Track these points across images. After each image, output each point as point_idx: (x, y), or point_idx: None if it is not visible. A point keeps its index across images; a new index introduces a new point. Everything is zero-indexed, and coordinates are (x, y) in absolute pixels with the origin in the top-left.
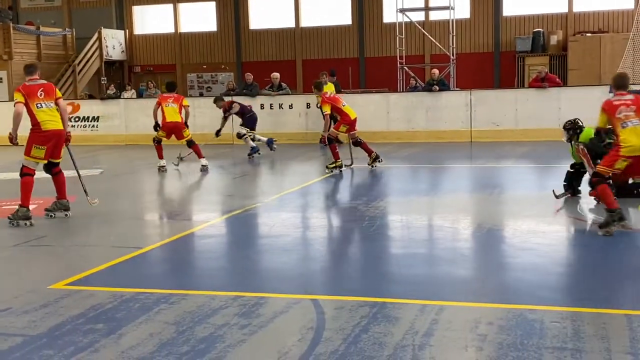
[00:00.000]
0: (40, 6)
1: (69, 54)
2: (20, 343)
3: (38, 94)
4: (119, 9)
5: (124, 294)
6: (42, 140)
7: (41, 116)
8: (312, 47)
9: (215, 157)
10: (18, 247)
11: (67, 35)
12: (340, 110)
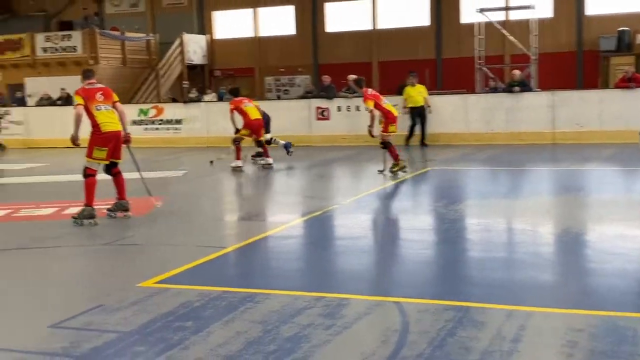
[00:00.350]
0: (125, 12)
1: (152, 58)
2: (113, 339)
3: (97, 97)
4: (200, 14)
5: (211, 293)
6: (103, 141)
7: (100, 118)
8: (388, 48)
9: (291, 159)
10: (108, 246)
11: (151, 40)
12: (382, 108)
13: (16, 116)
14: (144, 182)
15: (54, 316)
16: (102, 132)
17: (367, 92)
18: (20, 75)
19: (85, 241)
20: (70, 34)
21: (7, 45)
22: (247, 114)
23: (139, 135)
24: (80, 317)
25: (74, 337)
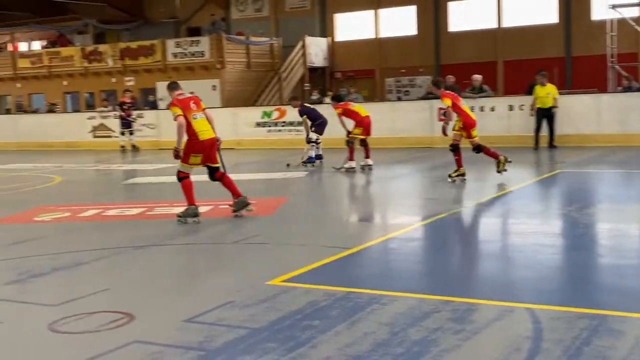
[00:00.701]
0: (249, 17)
1: (275, 61)
2: (244, 335)
3: (191, 106)
4: (322, 16)
5: (336, 293)
6: (199, 149)
7: (198, 126)
8: (514, 47)
9: (412, 161)
10: (236, 245)
11: (274, 43)
12: (460, 110)
13: (148, 119)
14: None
15: (188, 311)
16: (200, 140)
17: (445, 92)
18: (152, 80)
19: (215, 239)
20: (199, 39)
21: (141, 51)
22: (357, 112)
23: (262, 137)
24: (213, 312)
25: (207, 331)
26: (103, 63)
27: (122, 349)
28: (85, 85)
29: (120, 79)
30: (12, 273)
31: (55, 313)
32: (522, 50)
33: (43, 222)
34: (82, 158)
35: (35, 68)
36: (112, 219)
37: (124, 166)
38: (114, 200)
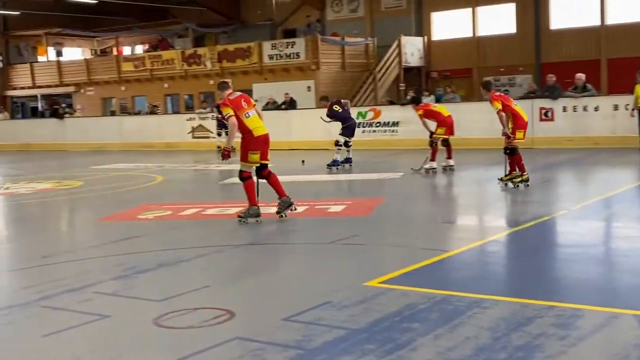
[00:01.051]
0: (345, 17)
1: (370, 62)
2: (343, 335)
3: (243, 105)
4: (418, 16)
5: (436, 296)
6: (257, 145)
7: (251, 124)
8: (619, 45)
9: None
10: (334, 245)
11: (369, 44)
12: (512, 110)
13: None
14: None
15: (286, 309)
16: (255, 137)
17: (495, 94)
18: (249, 81)
19: (311, 239)
20: (294, 41)
21: (238, 54)
22: (438, 112)
23: (357, 137)
24: (311, 311)
25: (305, 330)
26: (202, 66)
27: (223, 345)
28: (184, 88)
29: (218, 81)
30: (119, 269)
31: (159, 308)
32: (627, 48)
33: (146, 220)
34: (181, 158)
35: (138, 71)
36: (211, 217)
37: (221, 166)
38: (212, 199)
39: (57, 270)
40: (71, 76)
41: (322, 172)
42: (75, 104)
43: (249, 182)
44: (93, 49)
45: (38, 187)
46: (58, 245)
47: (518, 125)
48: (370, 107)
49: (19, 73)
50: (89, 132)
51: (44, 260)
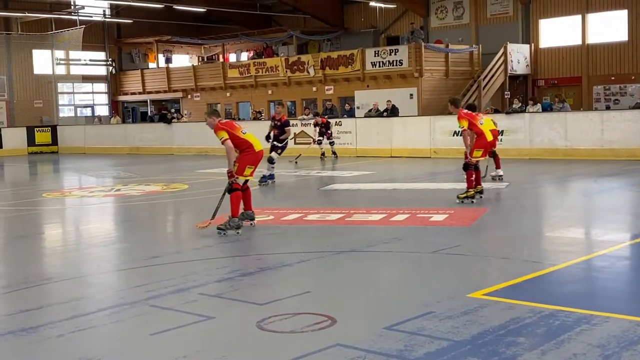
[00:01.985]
0: (449, 25)
1: (474, 69)
2: (445, 347)
3: (236, 125)
4: (526, 23)
5: (542, 310)
6: (254, 159)
7: (250, 139)
8: None
9: (622, 174)
10: (436, 254)
11: (474, 51)
12: (476, 129)
13: (346, 127)
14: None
15: (388, 318)
16: (256, 151)
17: (462, 111)
18: (351, 88)
19: (413, 248)
20: (397, 48)
21: (340, 61)
22: (482, 132)
23: (459, 146)
24: (413, 321)
25: (407, 340)
26: (305, 72)
27: (324, 351)
28: (288, 94)
29: (320, 87)
30: (223, 271)
31: (262, 311)
32: None
33: (249, 224)
34: (283, 164)
35: (243, 78)
36: (312, 223)
37: (323, 172)
38: (314, 205)
39: (164, 271)
40: (179, 82)
41: (424, 179)
42: (183, 109)
43: (236, 194)
44: (200, 56)
45: (147, 190)
46: (165, 247)
47: (479, 145)
48: None
49: (130, 79)
50: (194, 137)
51: (152, 260)
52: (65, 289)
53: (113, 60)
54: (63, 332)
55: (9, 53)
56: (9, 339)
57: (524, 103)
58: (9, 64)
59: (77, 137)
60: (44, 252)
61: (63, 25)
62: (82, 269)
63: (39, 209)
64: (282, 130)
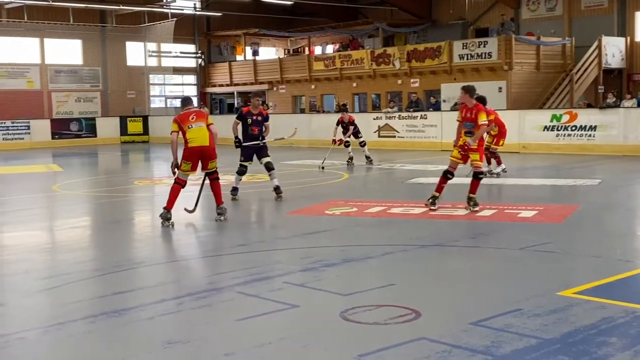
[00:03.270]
0: (541, 17)
1: (567, 62)
2: (533, 344)
3: (190, 118)
4: (621, 15)
5: (636, 310)
6: (188, 155)
7: (190, 135)
8: None
9: None
10: (524, 251)
11: (566, 44)
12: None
13: (431, 120)
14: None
15: (474, 314)
16: (189, 147)
17: (479, 105)
18: (437, 82)
19: (500, 244)
20: (487, 40)
21: (427, 53)
22: (503, 123)
23: (550, 141)
24: (500, 317)
25: (494, 336)
26: (390, 65)
27: (409, 344)
28: (372, 87)
29: (405, 80)
30: (307, 261)
31: (345, 302)
32: None
33: (333, 215)
34: (357, 157)
35: (328, 70)
36: (396, 216)
37: (407, 166)
38: (397, 198)
39: (250, 259)
40: (265, 74)
41: (512, 175)
42: (268, 101)
43: (176, 186)
44: (286, 49)
45: (232, 180)
46: (251, 235)
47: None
48: (565, 110)
49: (218, 71)
50: (280, 129)
51: (239, 248)
52: (155, 273)
53: (202, 53)
54: (153, 315)
55: (104, 45)
56: (103, 320)
57: (618, 98)
58: (103, 56)
59: (167, 128)
60: (135, 237)
61: (155, 18)
62: (170, 255)
63: (130, 196)
64: (261, 127)
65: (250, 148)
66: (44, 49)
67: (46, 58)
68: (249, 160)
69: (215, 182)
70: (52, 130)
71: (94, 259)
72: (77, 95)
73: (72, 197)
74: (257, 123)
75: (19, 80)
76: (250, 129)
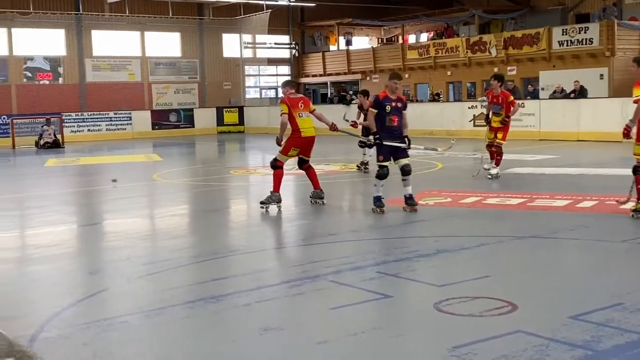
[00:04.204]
0: None
1: None
2: (636, 340)
3: (299, 105)
4: None
5: None
6: (300, 143)
7: (302, 124)
8: None
9: None
10: (626, 243)
11: None
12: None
13: (529, 108)
14: None
15: (573, 307)
16: (302, 137)
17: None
18: (535, 69)
19: (601, 236)
20: (588, 26)
21: (525, 40)
22: None
23: None
24: (600, 312)
25: (594, 331)
26: (486, 53)
27: (505, 337)
28: (467, 75)
29: (502, 68)
30: (400, 251)
31: (439, 293)
32: None
33: (427, 205)
34: (462, 146)
35: (422, 59)
36: (492, 207)
37: (503, 155)
38: (492, 189)
39: (342, 248)
40: (358, 64)
41: (614, 165)
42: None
43: (279, 171)
44: (379, 38)
45: (326, 169)
46: (343, 225)
47: None
48: None
49: (311, 61)
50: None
51: (332, 237)
52: (251, 261)
53: (296, 44)
54: (249, 302)
55: (202, 38)
56: (201, 305)
57: None
58: (201, 48)
59: (261, 118)
60: (231, 225)
61: (250, 10)
62: (265, 243)
63: (226, 185)
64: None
65: (391, 145)
66: (145, 42)
67: (146, 51)
68: (388, 160)
69: (311, 169)
70: (152, 121)
71: (192, 246)
72: (176, 87)
73: (171, 186)
74: (397, 111)
75: (121, 73)
76: (389, 118)
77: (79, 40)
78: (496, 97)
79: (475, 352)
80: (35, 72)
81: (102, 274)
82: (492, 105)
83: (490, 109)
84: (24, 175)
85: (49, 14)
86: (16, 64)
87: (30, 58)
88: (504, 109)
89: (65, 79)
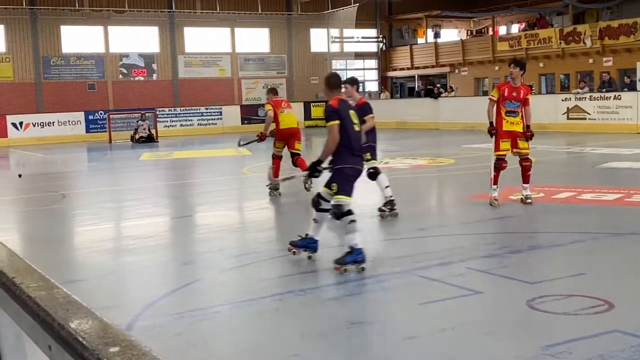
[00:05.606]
0: None
1: None
2: None
3: (282, 105)
4: None
5: None
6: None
7: (282, 118)
8: None
9: None
10: None
11: None
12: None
13: (626, 101)
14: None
15: None
16: (280, 129)
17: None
18: (633, 60)
19: None
20: None
21: (622, 30)
22: None
23: None
24: None
25: None
26: (580, 44)
27: (601, 336)
28: (560, 67)
29: (597, 59)
30: (491, 247)
31: (532, 290)
32: None
33: (518, 200)
34: (554, 140)
35: (513, 51)
36: (587, 202)
37: (598, 149)
38: (587, 183)
39: (431, 243)
40: (446, 57)
41: None
42: (449, 84)
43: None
44: (469, 30)
45: (413, 163)
46: (431, 219)
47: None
48: None
49: (399, 55)
50: (461, 112)
51: (420, 232)
52: (337, 255)
53: (384, 37)
54: (337, 295)
55: (290, 33)
56: (289, 298)
57: None
58: (289, 43)
59: None
60: None
61: (338, 4)
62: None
63: (313, 179)
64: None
65: None
66: (234, 38)
67: (236, 47)
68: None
69: (300, 159)
70: (241, 116)
71: (281, 238)
72: (264, 82)
73: (260, 180)
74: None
75: (212, 69)
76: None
77: (172, 37)
78: (516, 90)
79: (570, 350)
80: (130, 68)
81: (195, 265)
82: (506, 101)
83: (504, 106)
84: (121, 169)
85: (143, 12)
86: (112, 61)
87: (125, 55)
88: (521, 106)
89: (159, 75)
